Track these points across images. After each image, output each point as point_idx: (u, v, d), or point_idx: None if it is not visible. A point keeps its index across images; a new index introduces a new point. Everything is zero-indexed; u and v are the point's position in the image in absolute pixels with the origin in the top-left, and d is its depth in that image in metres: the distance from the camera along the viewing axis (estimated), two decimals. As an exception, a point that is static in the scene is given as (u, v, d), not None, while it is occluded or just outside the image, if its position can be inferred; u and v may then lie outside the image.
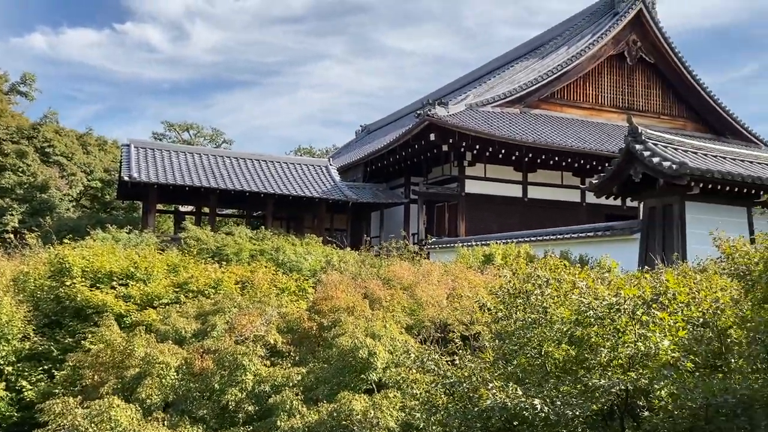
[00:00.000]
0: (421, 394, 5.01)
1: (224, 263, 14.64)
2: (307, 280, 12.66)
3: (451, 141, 25.50)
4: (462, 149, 26.50)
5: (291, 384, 7.32)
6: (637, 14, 32.83)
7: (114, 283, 11.10)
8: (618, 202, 20.63)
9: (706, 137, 32.19)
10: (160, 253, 13.93)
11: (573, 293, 4.60)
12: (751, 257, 4.50)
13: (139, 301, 10.62)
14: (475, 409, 4.13)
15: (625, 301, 4.14)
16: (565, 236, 19.18)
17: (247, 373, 7.44)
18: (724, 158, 16.61)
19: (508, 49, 39.62)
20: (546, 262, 9.67)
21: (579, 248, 17.44)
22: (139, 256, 12.47)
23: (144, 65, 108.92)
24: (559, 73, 31.29)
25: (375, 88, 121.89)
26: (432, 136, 25.35)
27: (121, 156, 28.20)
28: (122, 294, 10.70)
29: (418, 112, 26.60)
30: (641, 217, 17.04)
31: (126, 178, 24.68)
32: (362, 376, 7.29)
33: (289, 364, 8.00)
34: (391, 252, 15.84)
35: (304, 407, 6.80)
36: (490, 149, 26.03)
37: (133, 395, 7.34)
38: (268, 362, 8.02)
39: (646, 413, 4.10)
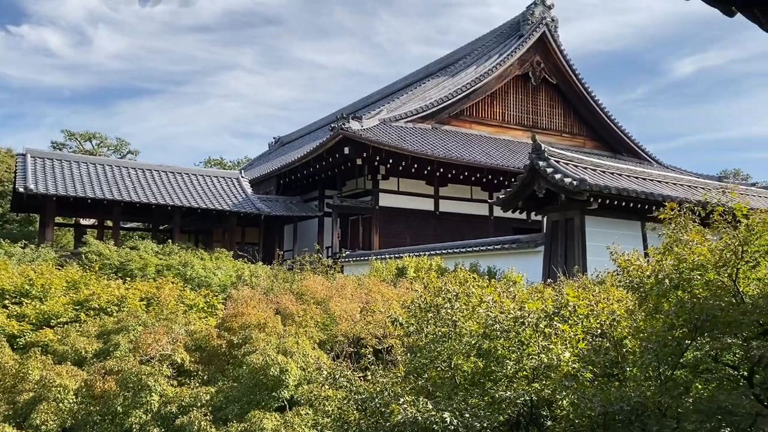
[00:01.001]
0: (333, 410, 4.99)
1: (128, 279, 14.05)
2: (217, 296, 12.34)
3: (365, 155, 25.70)
4: (376, 163, 26.77)
5: (199, 404, 7.09)
6: (540, 37, 34.45)
7: (6, 301, 10.38)
8: (524, 216, 21.44)
9: (604, 155, 34.14)
10: (59, 269, 13.18)
11: (480, 307, 4.75)
12: (643, 270, 4.80)
13: (34, 321, 9.99)
14: (387, 424, 4.16)
15: (528, 315, 4.31)
16: (475, 249, 19.72)
17: (153, 394, 7.15)
18: (620, 175, 17.67)
19: (420, 67, 40.56)
20: (456, 275, 9.89)
21: (487, 260, 18.01)
22: (35, 272, 11.74)
23: (43, 71, 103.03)
24: (469, 91, 32.29)
25: (288, 99, 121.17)
26: (346, 150, 25.46)
27: (16, 166, 26.49)
28: (15, 313, 10.03)
29: (333, 125, 26.69)
30: (545, 231, 17.78)
31: (21, 190, 23.21)
32: (274, 394, 7.16)
33: (198, 384, 7.75)
34: (304, 266, 15.72)
35: (213, 428, 6.61)
36: (403, 163, 26.44)
37: (27, 421, 6.88)
38: (175, 382, 7.73)
39: (549, 423, 4.27)
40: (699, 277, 4.30)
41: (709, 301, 4.00)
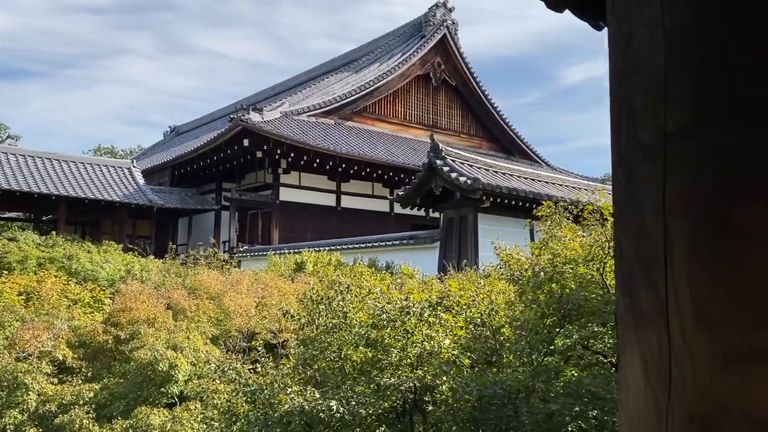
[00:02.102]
0: (221, 404, 4.96)
1: (6, 273, 13.13)
2: (105, 290, 11.80)
3: (265, 148, 25.34)
4: (277, 157, 26.46)
5: (82, 402, 6.80)
6: (441, 39, 35.31)
7: None
8: (423, 212, 21.96)
9: (499, 156, 35.52)
10: None
11: (369, 298, 4.89)
12: (522, 264, 5.12)
13: None
14: (275, 414, 4.20)
15: (414, 305, 4.50)
16: (374, 244, 19.98)
17: (30, 392, 6.78)
18: (512, 176, 18.51)
19: (324, 61, 40.45)
20: (353, 269, 10.03)
21: (386, 256, 18.29)
22: None
23: None
24: (372, 88, 32.59)
25: (187, 88, 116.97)
26: (246, 142, 24.98)
27: None
28: None
29: (232, 116, 26.09)
30: (441, 227, 18.32)
31: None
32: (162, 389, 6.99)
33: (81, 381, 7.42)
34: (198, 260, 15.32)
35: (96, 426, 6.36)
36: (305, 158, 26.31)
37: None
38: (56, 380, 7.36)
39: (431, 408, 4.47)
40: (571, 271, 4.65)
41: (577, 293, 4.34)
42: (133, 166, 29.02)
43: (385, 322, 4.50)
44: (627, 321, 0.89)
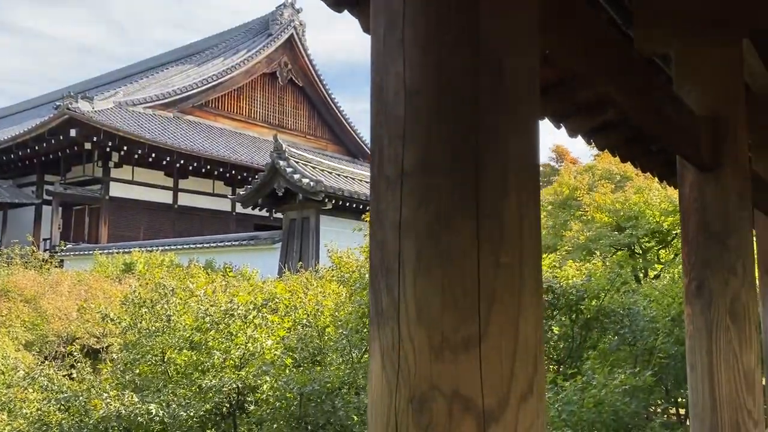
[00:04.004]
0: (31, 413, 4.67)
1: None
2: None
3: (95, 139, 23.69)
4: (108, 149, 24.83)
5: None
6: (288, 38, 35.22)
7: None
8: (266, 213, 21.79)
9: (344, 159, 36.10)
10: None
11: (191, 300, 4.87)
12: (350, 266, 5.38)
13: None
14: (91, 421, 4.06)
15: (238, 307, 4.57)
16: (212, 245, 19.50)
17: None
18: (353, 179, 19.01)
19: (164, 51, 38.62)
20: (187, 271, 9.79)
21: (225, 257, 17.93)
22: None
23: None
24: (215, 82, 31.70)
25: (5, 69, 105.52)
26: (73, 132, 23.18)
27: None
28: None
29: (58, 103, 24.07)
30: (283, 228, 18.34)
31: None
32: (-38, 402, 6.35)
33: None
34: (13, 259, 13.99)
35: None
36: (140, 152, 24.97)
37: None
38: None
39: (253, 407, 4.57)
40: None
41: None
42: (-65, 153, 25.73)
43: (208, 325, 4.52)
44: (373, 319, 1.09)
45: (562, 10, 1.49)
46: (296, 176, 16.25)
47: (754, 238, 4.77)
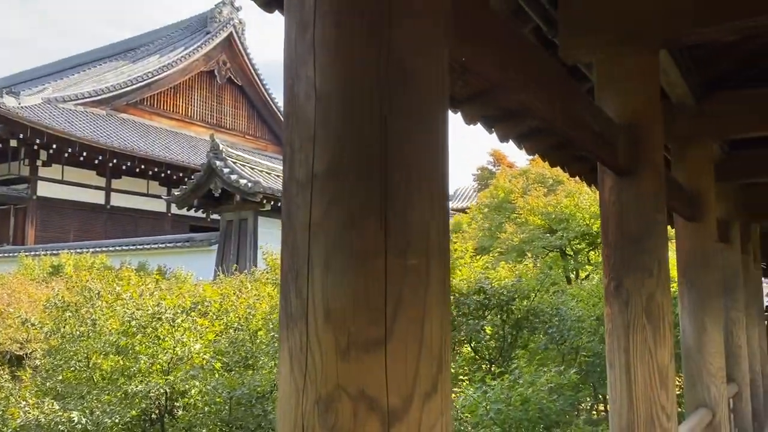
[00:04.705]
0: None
1: None
2: None
3: (21, 136, 22.66)
4: (35, 147, 23.79)
5: None
6: (228, 37, 34.66)
7: None
8: (203, 214, 21.34)
9: (284, 159, 35.72)
10: None
11: (117, 304, 4.73)
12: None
13: None
14: (9, 431, 3.88)
15: (166, 311, 4.46)
16: (146, 247, 18.98)
17: None
18: (292, 180, 18.84)
19: (97, 47, 37.30)
20: (118, 274, 9.49)
21: (159, 259, 17.47)
22: None
23: None
24: (151, 80, 30.86)
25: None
26: (-4, 129, 22.13)
27: None
28: None
29: (-20, 98, 22.91)
30: (220, 230, 18.02)
31: None
32: None
33: None
34: (-71, 262, 13.22)
35: None
36: (70, 150, 24.05)
37: None
38: None
39: (181, 412, 4.47)
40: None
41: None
42: None
43: (135, 329, 4.40)
44: (282, 322, 1.09)
45: (476, 18, 1.52)
46: (233, 177, 16.00)
47: (673, 241, 5.00)
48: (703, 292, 4.58)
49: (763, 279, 10.43)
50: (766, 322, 9.57)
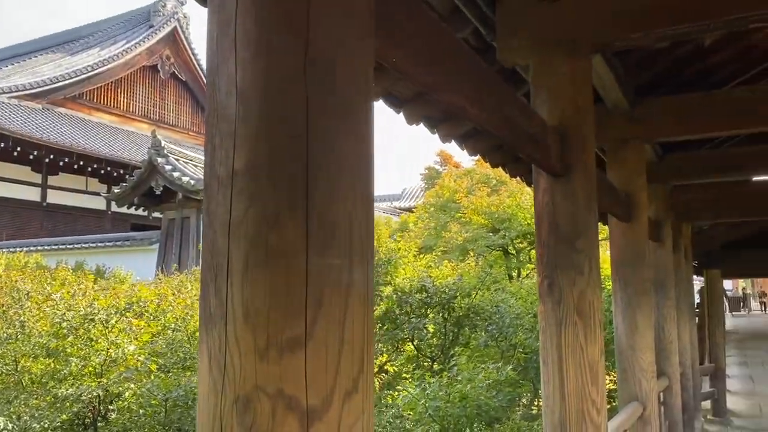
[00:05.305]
0: None
1: None
2: None
3: (-52, 130, 21.61)
4: (-36, 141, 22.74)
5: None
6: (171, 31, 33.88)
7: None
8: (145, 212, 20.81)
9: (229, 157, 35.12)
10: None
11: (46, 305, 4.57)
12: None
13: None
14: (-73, 440, 3.69)
15: (99, 312, 4.33)
16: (84, 246, 18.39)
17: None
18: (237, 178, 18.57)
19: (32, 38, 35.85)
20: (53, 274, 9.15)
21: (98, 258, 16.95)
22: None
23: None
24: (91, 73, 29.87)
25: None
26: None
27: None
28: None
29: None
30: (161, 229, 17.61)
31: None
32: None
33: None
34: None
35: None
36: (2, 145, 23.04)
37: None
38: None
39: (115, 415, 4.35)
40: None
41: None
42: None
43: (66, 331, 4.25)
44: (202, 322, 1.08)
45: (404, 18, 1.54)
46: (176, 174, 15.65)
47: (608, 240, 5.16)
48: (635, 289, 4.75)
49: (694, 276, 10.89)
50: (696, 318, 10.01)
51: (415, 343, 6.27)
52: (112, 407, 4.24)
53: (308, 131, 1.03)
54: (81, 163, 25.63)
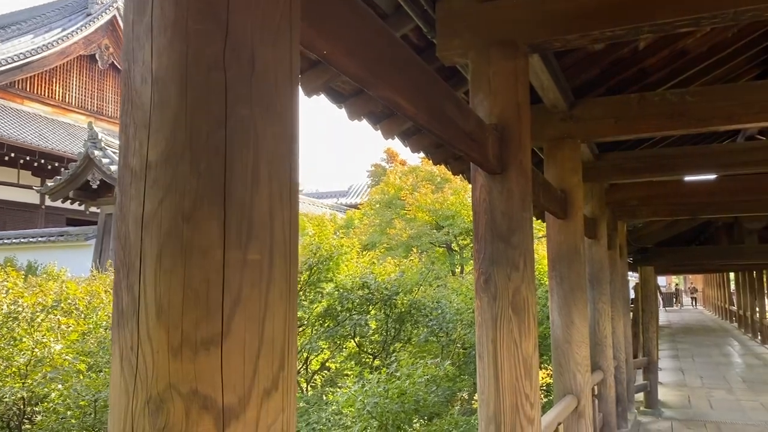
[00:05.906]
0: None
1: None
2: None
3: None
4: None
5: None
6: (111, 20, 32.76)
7: None
8: (82, 207, 20.08)
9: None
10: None
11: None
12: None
13: None
14: None
15: (23, 309, 4.14)
16: (14, 241, 17.60)
17: None
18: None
19: (-40, 22, 34.04)
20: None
21: (29, 254, 16.27)
22: None
23: None
24: (23, 61, 28.56)
25: None
26: None
27: None
28: None
29: None
30: (98, 224, 17.03)
31: None
32: None
33: None
34: None
35: None
36: (-75, 135, 21.80)
37: None
38: None
39: (41, 417, 4.17)
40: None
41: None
42: None
43: (-13, 330, 4.05)
44: (114, 320, 1.03)
45: (334, 13, 1.51)
46: (113, 167, 15.13)
47: (545, 237, 5.26)
48: (571, 285, 4.87)
49: (629, 273, 11.25)
50: (631, 313, 10.35)
51: (356, 340, 6.26)
52: (38, 409, 4.06)
53: (227, 120, 0.99)
54: (12, 154, 24.48)
